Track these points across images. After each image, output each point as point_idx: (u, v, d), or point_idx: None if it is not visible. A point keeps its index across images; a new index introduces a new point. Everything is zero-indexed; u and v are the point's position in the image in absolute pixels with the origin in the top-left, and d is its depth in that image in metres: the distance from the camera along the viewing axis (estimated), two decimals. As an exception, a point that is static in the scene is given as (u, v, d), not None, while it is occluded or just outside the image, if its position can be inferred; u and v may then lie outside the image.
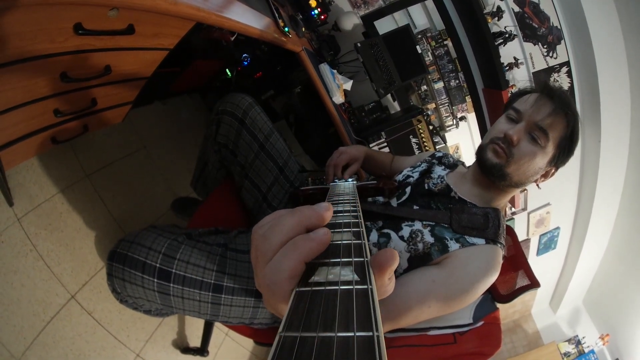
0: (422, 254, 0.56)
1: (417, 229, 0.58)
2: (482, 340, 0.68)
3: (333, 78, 1.30)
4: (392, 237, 0.58)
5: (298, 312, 0.15)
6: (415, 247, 0.56)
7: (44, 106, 0.61)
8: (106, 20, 0.52)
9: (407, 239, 0.57)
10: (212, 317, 0.64)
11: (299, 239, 0.20)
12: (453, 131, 2.26)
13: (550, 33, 1.82)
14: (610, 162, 2.09)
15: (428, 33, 2.04)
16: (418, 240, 0.56)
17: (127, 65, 0.72)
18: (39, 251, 0.83)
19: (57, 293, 0.84)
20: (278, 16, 1.03)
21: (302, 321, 0.15)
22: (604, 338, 2.91)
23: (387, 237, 0.59)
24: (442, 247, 0.55)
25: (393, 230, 0.59)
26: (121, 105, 0.89)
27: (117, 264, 0.57)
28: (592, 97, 1.89)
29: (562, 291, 3.09)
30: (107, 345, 0.92)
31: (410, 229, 0.58)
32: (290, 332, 0.14)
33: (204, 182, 0.97)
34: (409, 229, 0.58)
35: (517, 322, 3.54)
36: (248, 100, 0.83)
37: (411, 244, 0.57)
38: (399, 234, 0.58)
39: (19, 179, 0.84)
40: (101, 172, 1.11)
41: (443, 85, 2.16)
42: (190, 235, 0.67)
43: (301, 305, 0.16)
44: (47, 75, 0.55)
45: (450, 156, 0.78)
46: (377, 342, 0.13)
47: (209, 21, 0.64)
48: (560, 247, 2.77)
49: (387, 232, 0.59)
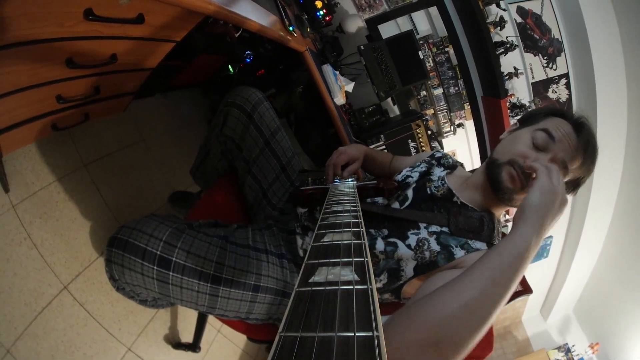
0: (428, 262, 0.56)
1: (423, 237, 0.58)
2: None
3: (335, 79, 1.30)
4: (399, 246, 0.59)
5: (298, 312, 0.15)
6: (422, 256, 0.57)
7: (47, 91, 0.60)
8: (117, 8, 0.51)
9: (414, 247, 0.58)
10: (209, 309, 0.63)
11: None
12: (450, 137, 2.28)
13: (551, 45, 1.87)
14: (604, 174, 2.13)
15: (430, 39, 2.07)
16: (425, 248, 0.57)
17: (133, 55, 0.72)
18: (33, 240, 0.82)
19: (50, 283, 0.82)
20: (284, 15, 1.04)
21: (302, 321, 0.15)
22: (594, 347, 2.94)
23: (394, 246, 0.59)
24: (448, 255, 0.56)
25: (400, 239, 0.60)
26: (123, 96, 0.89)
27: (117, 249, 0.56)
28: (589, 109, 1.94)
29: (553, 299, 3.13)
30: (99, 338, 0.90)
31: (416, 237, 0.59)
32: (290, 332, 0.14)
33: (204, 171, 0.97)
34: (416, 238, 0.59)
35: (507, 328, 3.57)
36: (258, 96, 0.83)
37: (418, 252, 0.57)
38: (405, 243, 0.59)
39: (15, 165, 0.83)
40: (99, 163, 1.09)
41: (442, 92, 2.19)
42: (191, 225, 0.66)
43: (301, 305, 0.16)
44: (52, 60, 0.54)
45: (449, 157, 0.79)
46: (377, 342, 0.13)
47: (219, 15, 0.64)
48: (553, 256, 2.81)
49: (394, 242, 0.60)
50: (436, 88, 2.18)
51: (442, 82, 2.16)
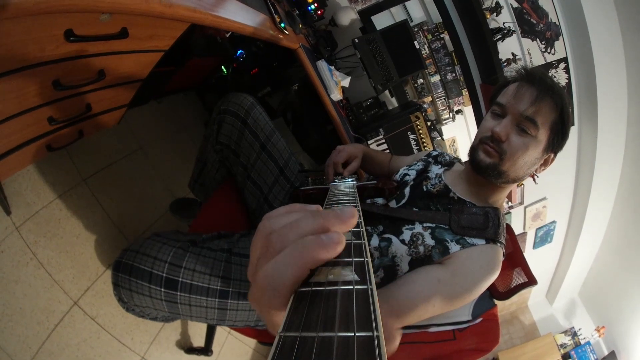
0: (423, 257, 0.56)
1: (417, 232, 0.58)
2: (481, 336, 0.69)
3: (331, 75, 1.28)
4: (393, 241, 0.58)
5: (298, 312, 0.16)
6: (417, 250, 0.56)
7: (37, 115, 0.59)
8: (98, 25, 0.50)
9: (408, 242, 0.57)
10: (219, 321, 0.64)
11: (311, 243, 0.17)
12: (449, 124, 2.25)
13: (549, 29, 1.81)
14: (606, 157, 2.11)
15: (424, 26, 2.01)
16: (419, 243, 0.57)
17: (122, 69, 0.70)
18: (39, 259, 0.83)
19: (60, 300, 0.84)
20: (274, 12, 1.01)
21: (302, 321, 0.15)
22: (600, 330, 2.96)
23: (388, 242, 0.59)
24: (443, 249, 0.55)
25: (394, 234, 0.59)
26: (116, 109, 0.88)
27: (123, 274, 0.57)
28: (589, 93, 1.90)
29: (559, 284, 3.14)
30: (112, 349, 0.92)
31: (410, 232, 0.58)
32: (290, 332, 0.14)
33: (202, 182, 0.96)
34: (410, 232, 0.58)
35: (514, 313, 3.60)
36: (250, 100, 0.82)
37: (412, 247, 0.57)
38: (399, 238, 0.58)
39: (15, 186, 0.83)
40: (98, 176, 1.09)
41: (440, 79, 2.14)
42: (194, 241, 0.67)
43: (301, 305, 0.16)
44: (39, 84, 0.53)
45: (446, 154, 0.78)
46: (377, 342, 0.13)
47: (205, 22, 0.62)
48: (557, 241, 2.81)
49: (389, 237, 0.59)
50: (433, 75, 2.14)
51: (438, 69, 2.11)
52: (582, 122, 2.06)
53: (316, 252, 0.17)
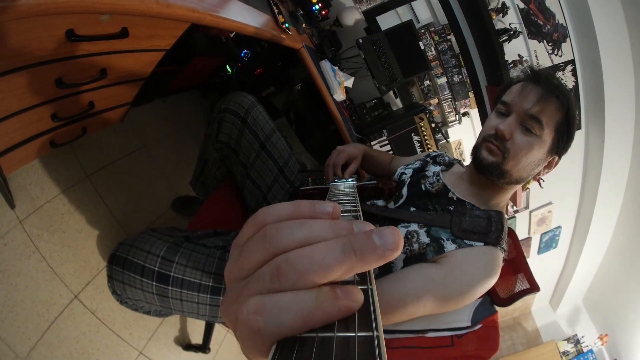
0: (417, 254, 0.55)
1: (413, 229, 0.57)
2: (480, 343, 0.68)
3: (334, 75, 1.28)
4: None
5: None
6: (411, 248, 0.56)
7: (41, 112, 0.61)
8: (99, 25, 0.51)
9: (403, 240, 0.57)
10: (211, 318, 0.65)
11: (331, 307, 0.14)
12: (456, 127, 2.23)
13: (556, 30, 1.78)
14: (613, 162, 2.06)
15: (431, 28, 2.00)
16: (414, 240, 0.56)
17: (124, 67, 0.71)
18: (42, 252, 0.84)
19: (61, 293, 0.85)
20: (278, 12, 1.01)
21: None
22: (603, 338, 2.91)
23: None
24: (438, 248, 0.54)
25: None
26: (119, 107, 0.89)
27: (117, 267, 0.58)
28: (596, 96, 1.85)
29: (563, 290, 3.09)
30: (111, 344, 0.94)
31: (406, 229, 0.58)
32: None
33: (204, 181, 0.97)
34: (405, 230, 0.58)
35: (516, 319, 3.55)
36: (250, 99, 0.83)
37: (407, 244, 0.56)
38: None
39: (19, 181, 0.85)
40: (101, 172, 1.11)
41: (446, 81, 2.12)
42: (189, 238, 0.67)
43: None
44: (41, 83, 0.54)
45: (445, 155, 0.78)
46: (377, 342, 0.13)
47: (204, 22, 0.62)
48: (562, 246, 2.76)
49: None
50: (440, 77, 2.12)
51: (445, 70, 2.09)
52: (589, 126, 2.01)
53: (331, 317, 0.14)
